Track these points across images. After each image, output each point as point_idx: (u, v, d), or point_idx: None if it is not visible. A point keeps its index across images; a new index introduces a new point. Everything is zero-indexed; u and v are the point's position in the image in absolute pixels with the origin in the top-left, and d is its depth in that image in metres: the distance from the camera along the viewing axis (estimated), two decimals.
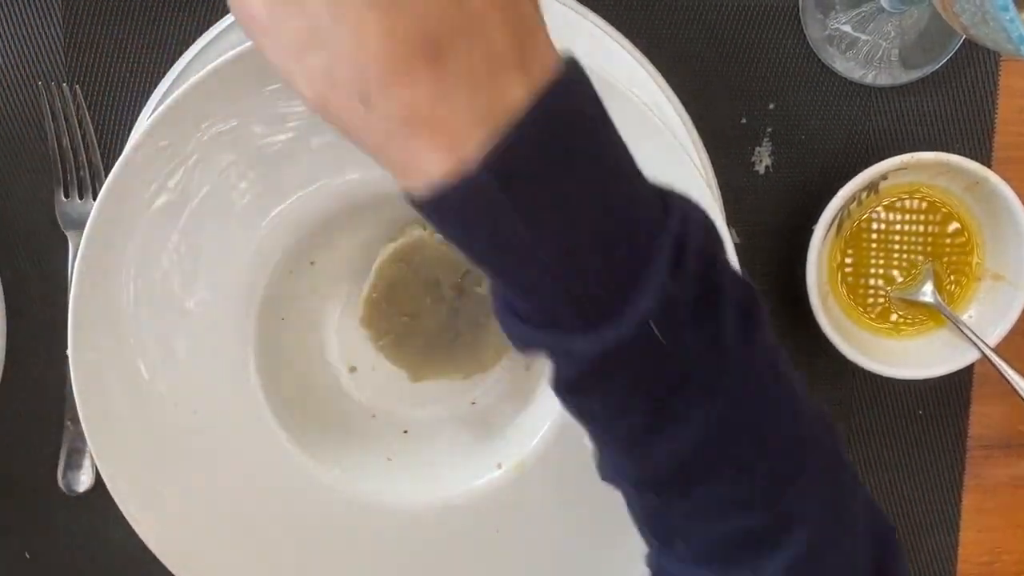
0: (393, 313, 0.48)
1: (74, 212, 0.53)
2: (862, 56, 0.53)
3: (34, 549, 0.56)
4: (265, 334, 0.48)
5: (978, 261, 0.53)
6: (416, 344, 0.49)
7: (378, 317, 0.48)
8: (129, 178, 0.44)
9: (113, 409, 0.46)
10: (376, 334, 0.49)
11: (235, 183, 0.45)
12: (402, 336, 0.49)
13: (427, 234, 0.47)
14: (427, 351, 0.49)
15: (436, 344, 0.49)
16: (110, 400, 0.46)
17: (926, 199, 0.53)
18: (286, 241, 0.47)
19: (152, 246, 0.45)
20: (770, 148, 0.54)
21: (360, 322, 0.49)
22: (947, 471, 0.57)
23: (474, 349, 0.49)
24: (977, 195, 0.52)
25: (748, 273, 0.43)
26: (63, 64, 0.53)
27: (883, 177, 0.51)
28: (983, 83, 0.54)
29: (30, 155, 0.53)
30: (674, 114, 0.49)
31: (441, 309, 0.49)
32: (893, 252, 0.53)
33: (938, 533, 0.58)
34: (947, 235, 0.53)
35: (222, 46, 0.48)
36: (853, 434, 0.57)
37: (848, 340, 0.51)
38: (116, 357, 0.46)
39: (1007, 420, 0.57)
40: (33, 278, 0.54)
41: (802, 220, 0.52)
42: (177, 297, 0.46)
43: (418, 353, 0.49)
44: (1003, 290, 0.52)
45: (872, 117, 0.54)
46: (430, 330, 0.49)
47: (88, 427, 0.45)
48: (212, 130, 0.44)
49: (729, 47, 0.54)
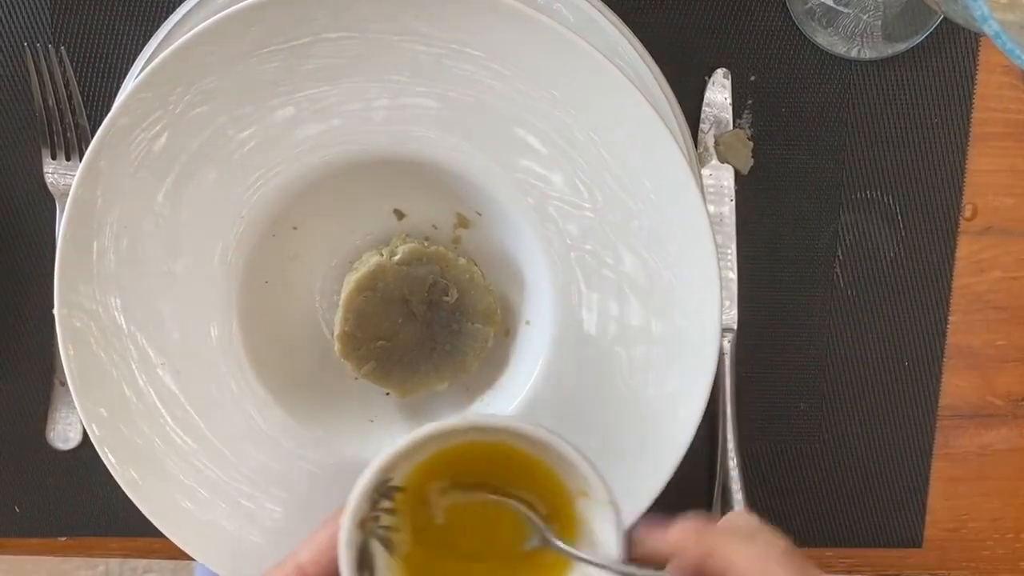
0: (368, 340, 0.49)
1: (61, 174, 0.54)
2: (844, 30, 0.54)
3: (23, 502, 0.58)
4: (248, 297, 0.48)
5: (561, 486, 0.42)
6: (397, 364, 0.50)
7: (355, 347, 0.49)
8: (115, 139, 0.44)
9: (98, 368, 0.47)
10: (356, 364, 0.49)
11: (220, 145, 0.46)
12: (382, 360, 0.49)
13: (384, 258, 0.48)
14: (409, 368, 0.50)
15: (416, 360, 0.50)
16: (95, 359, 0.46)
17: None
18: (268, 204, 0.47)
19: (137, 207, 0.46)
20: (751, 120, 0.55)
21: (338, 355, 0.49)
22: (918, 439, 0.59)
23: (454, 356, 0.50)
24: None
25: None
26: (48, 25, 0.53)
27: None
28: (963, 58, 0.55)
29: (16, 117, 0.54)
30: (656, 86, 0.50)
31: (415, 326, 0.50)
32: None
33: (907, 500, 0.59)
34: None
35: (210, 8, 0.48)
36: (827, 402, 0.58)
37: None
38: (101, 317, 0.46)
39: (976, 391, 0.59)
40: (20, 239, 0.55)
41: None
42: (161, 258, 0.47)
43: (401, 372, 0.50)
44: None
45: (853, 90, 0.55)
46: (408, 348, 0.50)
47: (74, 385, 0.46)
48: (198, 92, 0.44)
49: (711, 20, 0.54)
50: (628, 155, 0.46)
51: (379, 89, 0.45)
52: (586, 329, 0.49)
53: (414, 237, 0.51)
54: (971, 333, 0.58)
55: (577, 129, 0.46)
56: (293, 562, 0.40)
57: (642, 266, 0.47)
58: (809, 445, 0.58)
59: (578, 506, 0.41)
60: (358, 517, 0.39)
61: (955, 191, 0.56)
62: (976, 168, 0.56)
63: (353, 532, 0.39)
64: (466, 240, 0.52)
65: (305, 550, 0.40)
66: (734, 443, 0.57)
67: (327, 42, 0.44)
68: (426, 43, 0.44)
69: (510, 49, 0.44)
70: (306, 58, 0.44)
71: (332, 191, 0.48)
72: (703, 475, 0.58)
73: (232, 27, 0.43)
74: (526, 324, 0.51)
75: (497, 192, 0.47)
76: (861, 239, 0.56)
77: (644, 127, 0.45)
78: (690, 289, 0.47)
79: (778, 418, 0.58)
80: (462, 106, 0.46)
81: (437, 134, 0.46)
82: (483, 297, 0.50)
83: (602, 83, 0.44)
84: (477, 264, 0.50)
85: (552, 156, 0.46)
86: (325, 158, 0.47)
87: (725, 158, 0.55)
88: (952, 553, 0.60)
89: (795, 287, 0.57)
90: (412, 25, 0.44)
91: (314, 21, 0.44)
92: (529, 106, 0.45)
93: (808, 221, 0.56)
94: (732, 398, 0.56)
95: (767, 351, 0.57)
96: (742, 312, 0.56)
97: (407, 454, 0.40)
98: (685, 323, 0.47)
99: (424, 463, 0.41)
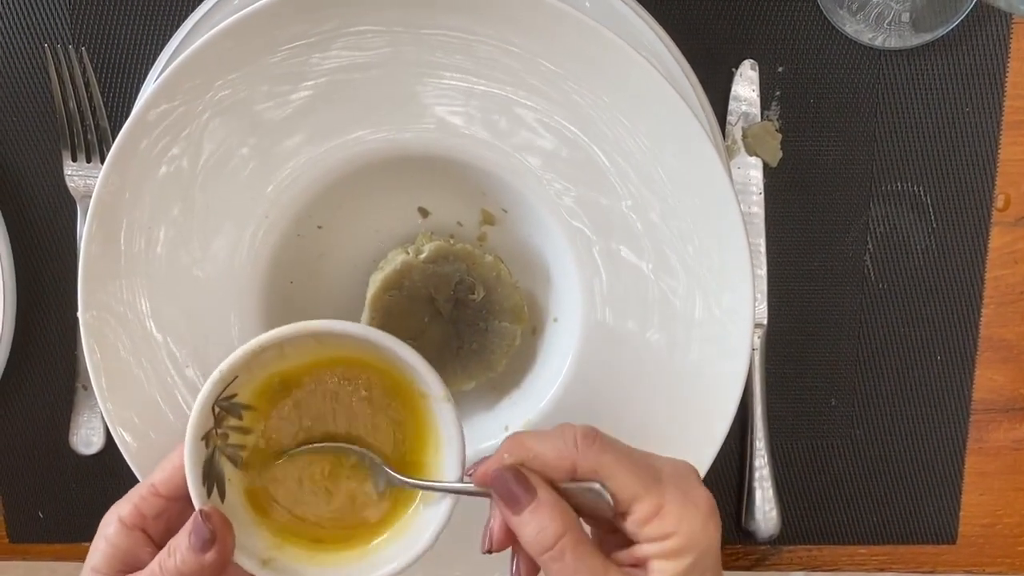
0: None
1: (82, 175, 0.53)
2: (872, 18, 0.53)
3: (47, 509, 0.57)
4: (274, 297, 0.48)
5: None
6: None
7: None
8: (137, 140, 0.44)
9: (123, 371, 0.46)
10: None
11: (242, 144, 0.45)
12: None
13: (410, 257, 0.48)
14: (436, 368, 0.50)
15: (443, 359, 0.49)
16: (120, 362, 0.46)
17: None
18: (292, 204, 0.47)
19: (161, 208, 0.45)
20: (779, 112, 0.54)
21: None
22: (951, 434, 0.58)
23: (481, 354, 0.50)
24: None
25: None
26: (68, 26, 0.52)
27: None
28: (995, 46, 0.54)
29: (36, 119, 0.53)
30: (682, 76, 0.49)
31: (441, 324, 0.49)
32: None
33: (941, 495, 0.59)
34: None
35: (230, 7, 0.47)
36: (859, 398, 0.57)
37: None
38: (126, 320, 0.46)
39: (1010, 384, 0.58)
40: (41, 241, 0.55)
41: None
42: (186, 258, 0.46)
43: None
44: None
45: (883, 81, 0.54)
46: (435, 347, 0.49)
47: (98, 388, 0.46)
48: (219, 91, 0.44)
49: (737, 11, 0.53)
50: (657, 149, 0.45)
51: (405, 84, 0.45)
52: (614, 325, 0.48)
53: (439, 235, 0.50)
54: (1004, 326, 0.57)
55: (606, 123, 0.45)
56: (147, 483, 0.42)
57: (671, 260, 0.47)
58: (841, 441, 0.58)
59: (429, 411, 0.42)
60: (201, 430, 0.40)
61: (987, 181, 0.55)
62: (1009, 157, 0.55)
63: (196, 444, 0.40)
64: (492, 237, 0.51)
65: (158, 470, 0.42)
66: (764, 439, 0.56)
67: (350, 36, 0.44)
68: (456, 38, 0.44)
69: (540, 43, 0.44)
70: (329, 53, 0.44)
71: (357, 190, 0.48)
72: (733, 472, 0.57)
73: (255, 23, 0.43)
74: (554, 321, 0.51)
75: (525, 189, 0.47)
76: (892, 231, 0.55)
77: (674, 121, 0.45)
78: (721, 282, 0.46)
79: (809, 414, 0.57)
80: (490, 102, 0.45)
81: (466, 130, 0.46)
82: (510, 295, 0.49)
83: (631, 77, 0.44)
84: (503, 261, 0.49)
85: (581, 151, 0.46)
86: (349, 156, 0.46)
87: (754, 151, 0.54)
88: (987, 549, 0.60)
89: (825, 280, 0.56)
90: (442, 20, 0.43)
91: (335, 16, 0.43)
92: (558, 101, 0.45)
93: (838, 213, 0.55)
94: (762, 394, 0.55)
95: (797, 346, 0.56)
96: (772, 307, 0.55)
97: (244, 365, 0.40)
98: (717, 316, 0.47)
99: (270, 388, 0.42)
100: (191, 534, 0.39)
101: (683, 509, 0.37)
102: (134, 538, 0.42)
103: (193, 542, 0.39)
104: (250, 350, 0.40)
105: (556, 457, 0.38)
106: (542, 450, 0.38)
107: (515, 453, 0.39)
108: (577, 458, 0.38)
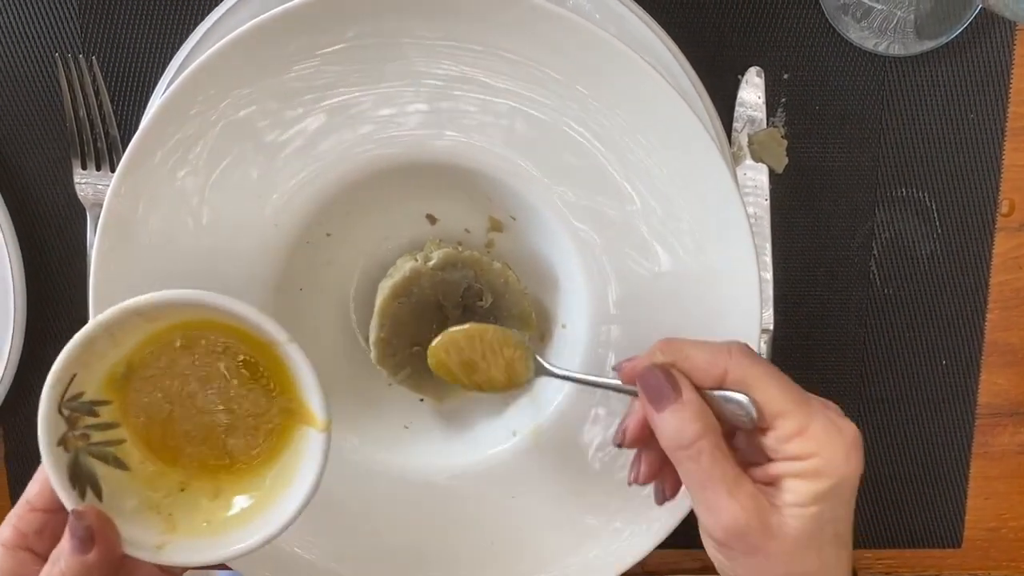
0: (404, 346, 0.49)
1: (92, 184, 0.53)
2: (876, 26, 0.53)
3: None
4: (283, 304, 0.48)
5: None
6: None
7: (391, 354, 0.49)
8: (148, 149, 0.44)
9: None
10: (392, 370, 0.49)
11: (252, 153, 0.45)
12: (418, 367, 0.49)
13: (419, 264, 0.48)
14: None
15: None
16: None
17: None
18: (302, 211, 0.47)
19: (171, 216, 0.45)
20: (784, 118, 0.54)
21: (374, 361, 0.49)
22: (956, 439, 0.58)
23: None
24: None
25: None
26: (78, 35, 0.53)
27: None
28: (999, 53, 0.54)
29: (46, 128, 0.54)
30: (688, 84, 0.49)
31: None
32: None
33: (946, 500, 0.59)
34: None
35: (239, 16, 0.48)
36: (865, 403, 0.57)
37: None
38: None
39: (1015, 388, 0.58)
40: (51, 250, 0.55)
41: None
42: (196, 266, 0.46)
43: (436, 379, 0.49)
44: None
45: (888, 87, 0.54)
46: None
47: None
48: (230, 100, 0.44)
49: (743, 18, 0.53)
50: (665, 156, 0.45)
51: (413, 93, 0.45)
52: (622, 331, 0.48)
53: (447, 242, 0.50)
54: (1009, 330, 0.57)
55: (614, 131, 0.45)
56: (22, 501, 0.42)
57: (679, 267, 0.47)
58: None
59: (286, 357, 0.41)
60: (54, 436, 0.40)
61: (992, 187, 0.55)
62: (1013, 163, 0.55)
63: (54, 451, 0.40)
64: (499, 244, 0.51)
65: (30, 486, 0.42)
66: None
67: (360, 48, 0.44)
68: (464, 47, 0.44)
69: (548, 52, 0.44)
70: (339, 63, 0.44)
71: (365, 197, 0.48)
72: None
73: (266, 35, 0.43)
74: (562, 327, 0.51)
75: (533, 196, 0.47)
76: (897, 237, 0.56)
77: (681, 128, 0.45)
78: (729, 288, 0.47)
79: None
80: (498, 110, 0.45)
81: (474, 138, 0.46)
82: (518, 301, 0.49)
83: (639, 84, 0.44)
84: (511, 268, 0.50)
85: (590, 158, 0.46)
86: (359, 164, 0.46)
87: (759, 157, 0.54)
88: (992, 553, 0.60)
89: (831, 286, 0.56)
90: (449, 29, 0.44)
91: (347, 27, 0.43)
92: (567, 109, 0.45)
93: (843, 219, 0.55)
94: None
95: (803, 352, 0.57)
96: (777, 312, 0.56)
97: (77, 361, 0.40)
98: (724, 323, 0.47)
99: (116, 377, 0.42)
100: (69, 537, 0.39)
101: (827, 434, 0.37)
102: (18, 559, 0.41)
103: (73, 544, 0.39)
104: (77, 344, 0.40)
105: (708, 362, 0.38)
106: (695, 353, 0.38)
107: (668, 353, 0.39)
108: (730, 364, 0.38)
